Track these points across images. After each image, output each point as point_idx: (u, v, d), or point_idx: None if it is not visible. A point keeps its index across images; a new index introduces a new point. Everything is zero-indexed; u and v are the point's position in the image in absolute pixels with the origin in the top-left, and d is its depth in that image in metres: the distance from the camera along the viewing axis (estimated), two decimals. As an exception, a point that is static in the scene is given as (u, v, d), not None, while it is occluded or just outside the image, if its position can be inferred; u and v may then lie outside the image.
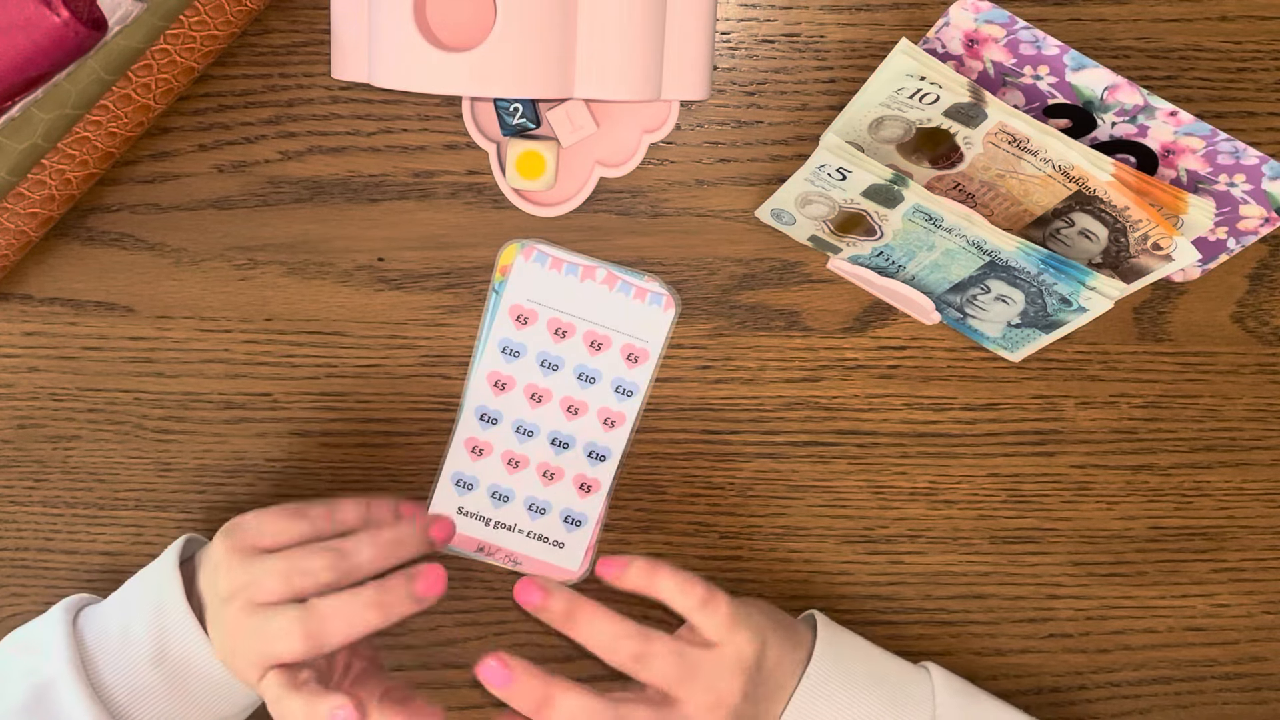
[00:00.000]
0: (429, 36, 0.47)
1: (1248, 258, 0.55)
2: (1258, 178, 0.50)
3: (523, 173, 0.53)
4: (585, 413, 0.56)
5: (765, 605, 0.53)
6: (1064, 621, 0.59)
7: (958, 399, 0.56)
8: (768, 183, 0.54)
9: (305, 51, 0.53)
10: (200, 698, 0.50)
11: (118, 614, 0.51)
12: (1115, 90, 0.49)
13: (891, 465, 0.57)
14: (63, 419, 0.57)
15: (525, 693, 0.46)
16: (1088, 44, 0.52)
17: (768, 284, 0.55)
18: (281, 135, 0.54)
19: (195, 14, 0.48)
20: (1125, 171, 0.47)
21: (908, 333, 0.56)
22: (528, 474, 0.56)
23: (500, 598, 0.58)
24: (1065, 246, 0.50)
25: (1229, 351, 0.56)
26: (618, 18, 0.48)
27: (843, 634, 0.53)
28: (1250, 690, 0.60)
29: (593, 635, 0.48)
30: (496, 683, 0.46)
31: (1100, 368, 0.56)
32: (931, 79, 0.46)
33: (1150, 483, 0.57)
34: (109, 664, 0.49)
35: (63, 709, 0.48)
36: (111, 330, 0.56)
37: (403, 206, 0.55)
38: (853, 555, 0.58)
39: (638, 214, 0.55)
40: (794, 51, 0.53)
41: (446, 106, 0.54)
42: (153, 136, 0.54)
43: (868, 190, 0.48)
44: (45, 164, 0.49)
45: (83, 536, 0.58)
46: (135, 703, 0.49)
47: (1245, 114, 0.53)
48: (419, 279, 0.55)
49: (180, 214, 0.55)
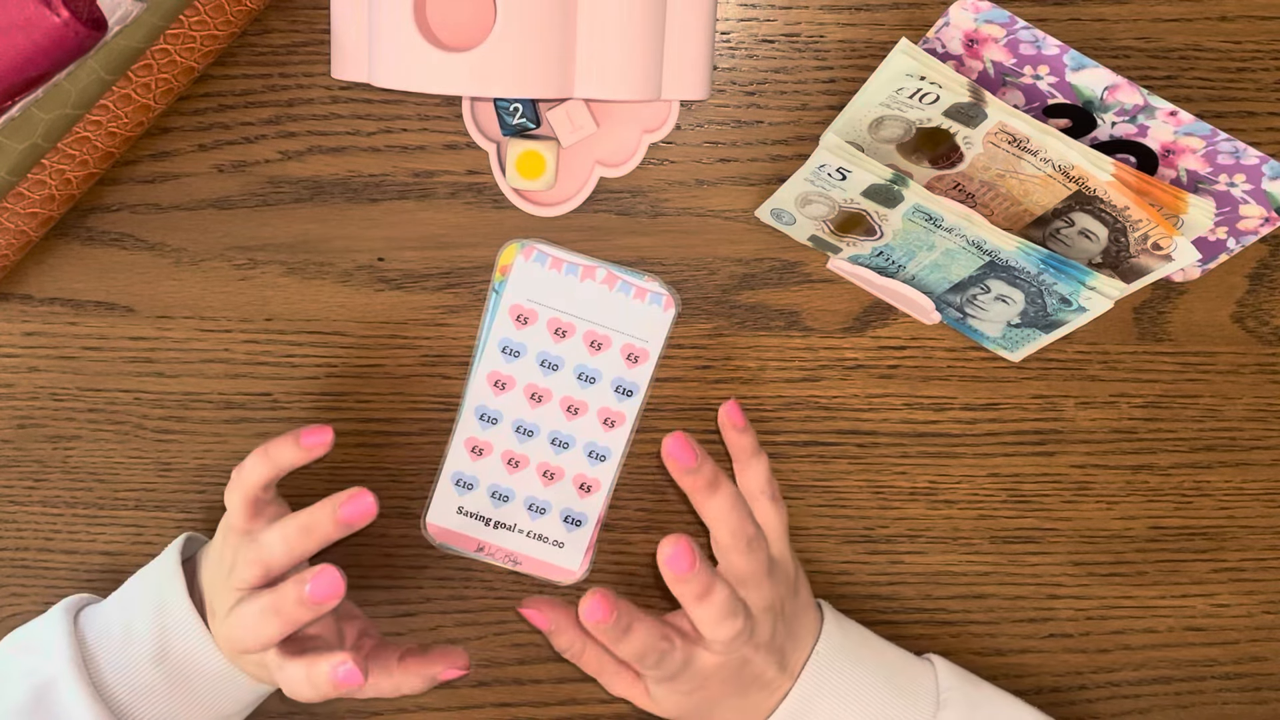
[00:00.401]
0: (429, 36, 0.47)
1: (1248, 258, 0.55)
2: (1258, 178, 0.50)
3: (523, 173, 0.53)
4: (585, 413, 0.56)
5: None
6: (1064, 621, 0.59)
7: (958, 399, 0.56)
8: (768, 183, 0.54)
9: (305, 51, 0.53)
10: (202, 695, 0.50)
11: (119, 613, 0.50)
12: (1115, 90, 0.49)
13: (891, 465, 0.57)
14: (63, 419, 0.57)
15: (695, 580, 0.47)
16: (1088, 44, 0.52)
17: (768, 284, 0.55)
18: (281, 135, 0.54)
19: (195, 14, 0.48)
20: (1125, 171, 0.47)
21: (908, 333, 0.56)
22: (528, 474, 0.56)
23: (500, 598, 0.58)
24: (1065, 246, 0.50)
25: (1229, 351, 0.56)
26: (618, 18, 0.48)
27: (848, 621, 0.54)
28: (1250, 690, 0.60)
29: (721, 512, 0.49)
30: (679, 569, 0.47)
31: (1100, 368, 0.56)
32: (931, 79, 0.46)
33: (1150, 483, 0.57)
34: (110, 663, 0.49)
35: (64, 708, 0.48)
36: (111, 330, 0.56)
37: (403, 206, 0.55)
38: (853, 555, 0.58)
39: (638, 214, 0.55)
40: (794, 51, 0.53)
41: (446, 106, 0.54)
42: (153, 136, 0.54)
43: (868, 190, 0.48)
44: (45, 164, 0.49)
45: (83, 536, 0.58)
46: (137, 701, 0.49)
47: (1245, 114, 0.53)
48: (419, 279, 0.55)
49: (180, 214, 0.55)
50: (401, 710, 0.59)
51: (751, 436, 0.53)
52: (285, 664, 0.47)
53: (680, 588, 0.47)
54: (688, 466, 0.49)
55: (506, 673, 0.59)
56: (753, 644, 0.50)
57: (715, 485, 0.49)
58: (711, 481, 0.49)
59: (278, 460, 0.48)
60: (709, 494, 0.49)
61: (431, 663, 0.51)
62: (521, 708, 0.59)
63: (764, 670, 0.51)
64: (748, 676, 0.51)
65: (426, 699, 0.59)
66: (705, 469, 0.49)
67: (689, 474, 0.49)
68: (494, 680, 0.59)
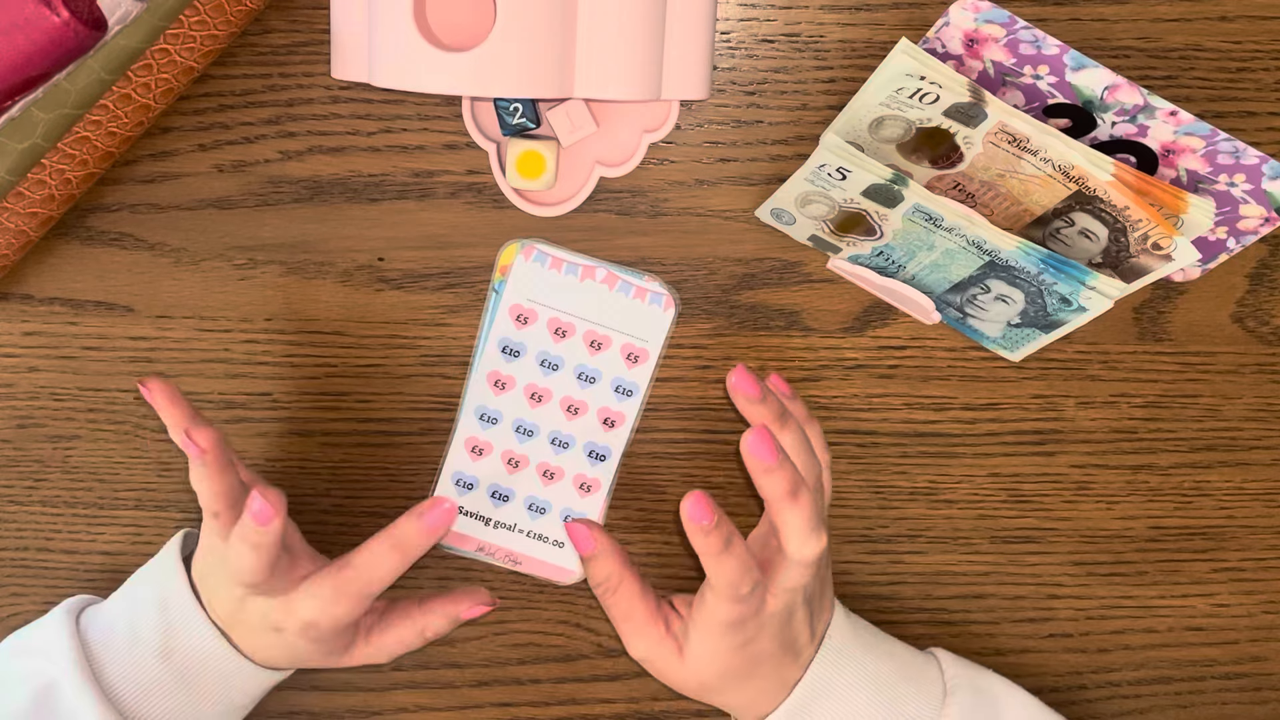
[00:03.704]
0: (429, 36, 0.47)
1: (1248, 258, 0.55)
2: (1258, 178, 0.50)
3: (523, 172, 0.53)
4: (585, 412, 0.56)
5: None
6: (1064, 621, 0.59)
7: (958, 399, 0.56)
8: (768, 183, 0.54)
9: (305, 51, 0.53)
10: (210, 689, 0.50)
11: (123, 612, 0.50)
12: (1115, 90, 0.49)
13: (891, 465, 0.57)
14: (63, 419, 0.57)
15: (783, 475, 0.46)
16: (1088, 44, 0.52)
17: (768, 284, 0.55)
18: (281, 135, 0.54)
19: (195, 14, 0.48)
20: (1125, 171, 0.47)
21: (908, 333, 0.56)
22: (528, 474, 0.56)
23: (500, 598, 0.58)
24: (1065, 246, 0.50)
25: (1229, 351, 0.56)
26: (618, 18, 0.48)
27: (854, 614, 0.54)
28: (1250, 690, 0.60)
29: (788, 445, 0.48)
30: (763, 456, 0.45)
31: (1100, 368, 0.56)
32: (931, 79, 0.46)
33: (1150, 483, 0.57)
34: (116, 662, 0.49)
35: (68, 710, 0.47)
36: (111, 330, 0.56)
37: (403, 206, 0.55)
38: (853, 555, 0.58)
39: (638, 214, 0.55)
40: (794, 51, 0.53)
41: (446, 106, 0.54)
42: (153, 136, 0.54)
43: (868, 190, 0.48)
44: (45, 164, 0.49)
45: (83, 536, 0.58)
46: (144, 700, 0.49)
47: (1245, 114, 0.53)
48: (419, 279, 0.55)
49: (180, 214, 0.55)
50: (402, 710, 0.59)
51: (776, 403, 0.49)
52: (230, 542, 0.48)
53: (766, 479, 0.45)
54: (750, 397, 0.48)
55: (506, 673, 0.59)
56: (804, 593, 0.48)
57: (781, 420, 0.49)
58: (779, 416, 0.48)
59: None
60: (775, 427, 0.48)
61: (455, 601, 0.52)
62: (521, 708, 0.59)
63: (800, 632, 0.49)
64: (789, 637, 0.48)
65: (426, 699, 0.59)
66: (772, 404, 0.48)
67: (753, 406, 0.48)
68: (494, 680, 0.59)
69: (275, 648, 0.50)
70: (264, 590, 0.48)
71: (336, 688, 0.59)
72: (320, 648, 0.50)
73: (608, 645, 0.59)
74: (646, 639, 0.49)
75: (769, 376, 0.53)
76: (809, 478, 0.48)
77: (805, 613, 0.49)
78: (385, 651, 0.52)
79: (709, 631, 0.48)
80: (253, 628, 0.49)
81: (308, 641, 0.49)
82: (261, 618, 0.49)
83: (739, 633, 0.47)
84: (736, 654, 0.48)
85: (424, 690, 0.59)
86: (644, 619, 0.49)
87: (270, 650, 0.50)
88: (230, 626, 0.50)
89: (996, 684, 0.53)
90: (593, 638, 0.58)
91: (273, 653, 0.50)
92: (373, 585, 0.49)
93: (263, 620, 0.49)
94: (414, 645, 0.52)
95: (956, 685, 0.51)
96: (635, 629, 0.49)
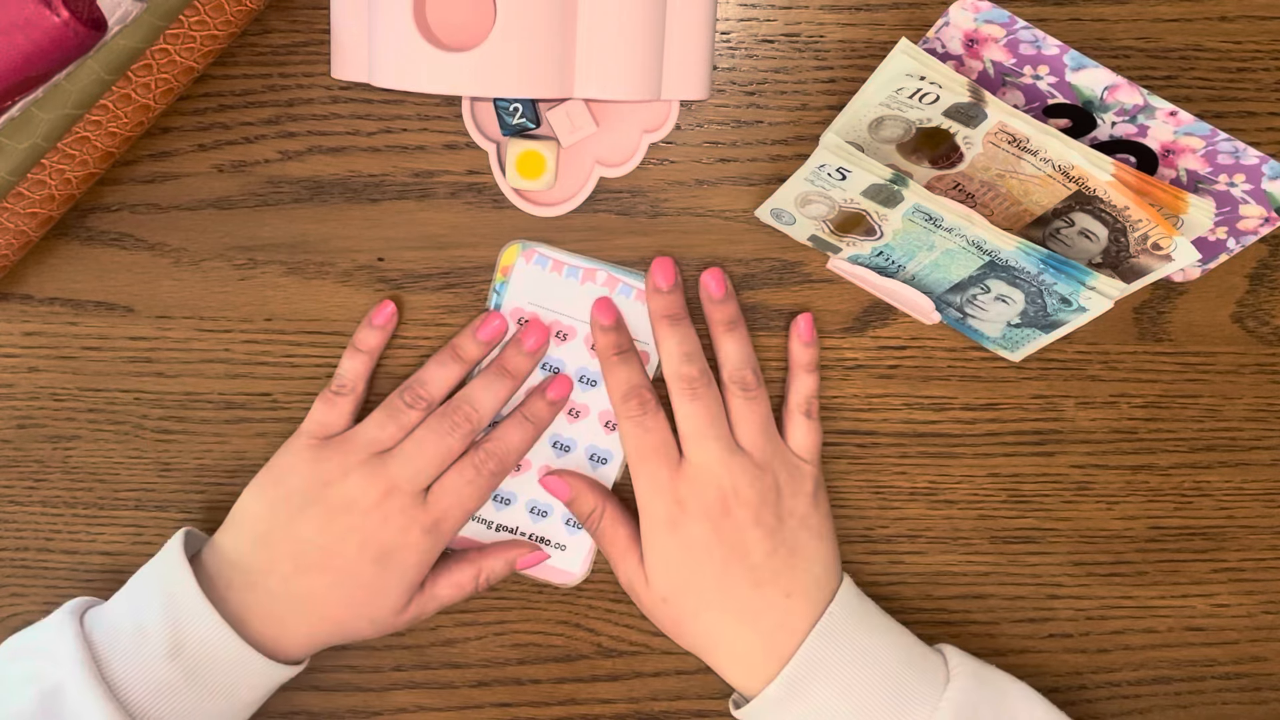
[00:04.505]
0: (429, 36, 0.47)
1: (1248, 258, 0.55)
2: (1258, 178, 0.50)
3: (523, 173, 0.53)
4: (586, 415, 0.56)
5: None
6: (1064, 621, 0.59)
7: (958, 399, 0.56)
8: (768, 183, 0.54)
9: (305, 51, 0.53)
10: (221, 686, 0.49)
11: (127, 610, 0.50)
12: (1115, 90, 0.49)
13: (891, 465, 0.57)
14: (63, 419, 0.57)
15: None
16: (1088, 44, 0.52)
17: (768, 284, 0.55)
18: (281, 135, 0.54)
19: (195, 14, 0.48)
20: (1125, 171, 0.47)
21: (908, 333, 0.56)
22: (529, 477, 0.56)
23: (500, 598, 0.58)
24: (1065, 246, 0.50)
25: (1229, 351, 0.56)
26: (618, 18, 0.48)
27: (866, 597, 0.54)
28: (1250, 690, 0.60)
29: (735, 350, 0.53)
30: (655, 278, 0.53)
31: (1100, 368, 0.56)
32: (931, 79, 0.46)
33: (1150, 483, 0.58)
34: (123, 663, 0.48)
35: (74, 713, 0.47)
36: (111, 330, 0.56)
37: (403, 206, 0.55)
38: (853, 555, 0.58)
39: (638, 214, 0.55)
40: (794, 51, 0.53)
41: (446, 106, 0.54)
42: (153, 136, 0.54)
43: (868, 190, 0.48)
44: (45, 164, 0.49)
45: (83, 536, 0.58)
46: (154, 700, 0.48)
47: (1245, 114, 0.53)
48: (419, 279, 0.55)
49: (180, 214, 0.55)
50: (401, 710, 0.59)
51: (735, 308, 0.54)
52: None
53: (654, 298, 0.53)
54: (715, 296, 0.53)
55: (506, 673, 0.59)
56: (728, 483, 0.51)
57: (733, 324, 0.53)
58: (732, 322, 0.53)
59: (369, 346, 0.54)
60: (725, 331, 0.53)
61: (512, 548, 0.55)
62: (521, 708, 0.59)
63: (750, 538, 0.51)
64: (733, 539, 0.51)
65: (426, 699, 0.59)
66: (730, 306, 0.53)
67: (717, 306, 0.53)
68: (494, 680, 0.59)
69: (366, 584, 0.51)
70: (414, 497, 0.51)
71: (336, 688, 0.59)
72: (428, 557, 0.52)
73: (608, 645, 0.59)
74: (626, 564, 0.53)
75: (800, 319, 0.55)
76: (734, 373, 0.52)
77: (749, 516, 0.50)
78: (438, 600, 0.54)
79: (648, 533, 0.52)
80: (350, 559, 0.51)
81: (433, 540, 0.52)
82: (405, 523, 0.51)
83: (674, 530, 0.51)
84: (683, 555, 0.51)
85: (424, 690, 0.59)
86: (624, 545, 0.53)
87: (355, 593, 0.52)
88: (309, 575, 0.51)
89: (999, 677, 0.52)
90: (593, 638, 0.58)
91: (357, 595, 0.52)
92: (510, 457, 0.53)
93: (398, 527, 0.51)
94: (468, 591, 0.54)
95: (959, 673, 0.51)
96: (618, 555, 0.54)
